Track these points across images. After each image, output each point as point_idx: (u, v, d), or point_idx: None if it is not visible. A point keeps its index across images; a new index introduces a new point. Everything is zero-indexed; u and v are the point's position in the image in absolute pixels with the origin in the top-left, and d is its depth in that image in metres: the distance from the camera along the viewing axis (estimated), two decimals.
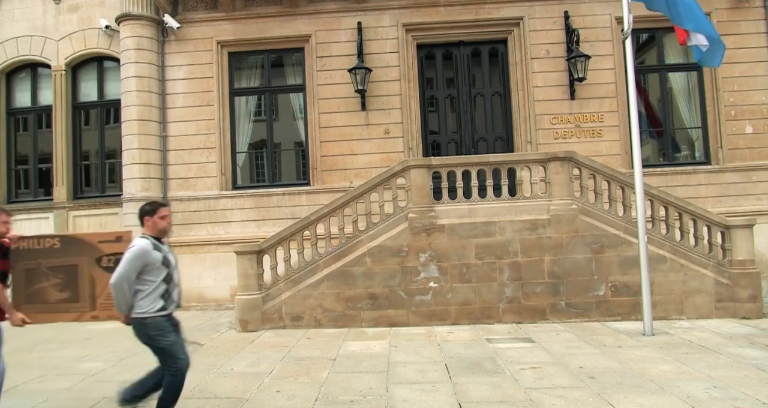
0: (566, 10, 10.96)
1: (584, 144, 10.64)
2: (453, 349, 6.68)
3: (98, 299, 4.41)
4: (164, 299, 4.00)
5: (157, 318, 3.96)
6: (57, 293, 4.42)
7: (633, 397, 4.67)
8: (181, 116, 11.30)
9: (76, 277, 4.42)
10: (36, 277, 4.41)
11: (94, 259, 4.42)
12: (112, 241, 4.45)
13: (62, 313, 4.50)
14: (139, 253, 3.90)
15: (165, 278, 4.02)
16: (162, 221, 4.09)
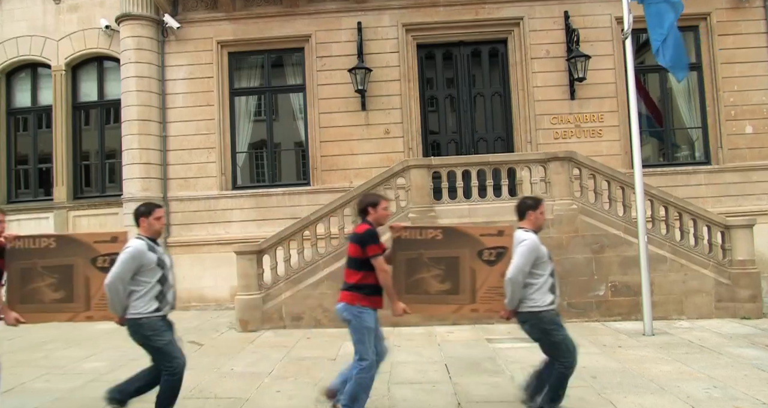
0: (566, 10, 10.95)
1: (584, 144, 10.64)
2: (453, 349, 6.69)
3: (93, 299, 4.31)
4: (159, 300, 3.99)
5: (152, 318, 3.94)
6: (52, 293, 4.34)
7: (633, 397, 4.67)
8: (181, 116, 11.30)
9: (71, 277, 4.33)
10: (31, 276, 4.33)
11: (89, 259, 4.32)
12: (108, 242, 4.37)
13: (56, 313, 4.44)
14: (135, 254, 3.89)
15: (160, 279, 4.00)
16: (157, 222, 4.10)
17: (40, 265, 4.33)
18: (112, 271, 3.87)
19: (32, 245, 4.37)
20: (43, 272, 4.34)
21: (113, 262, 3.97)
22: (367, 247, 4.06)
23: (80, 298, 4.33)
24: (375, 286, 4.13)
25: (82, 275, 4.32)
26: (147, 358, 4.14)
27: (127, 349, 7.18)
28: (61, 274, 4.34)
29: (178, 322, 9.62)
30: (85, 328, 9.02)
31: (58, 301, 4.34)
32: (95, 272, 4.29)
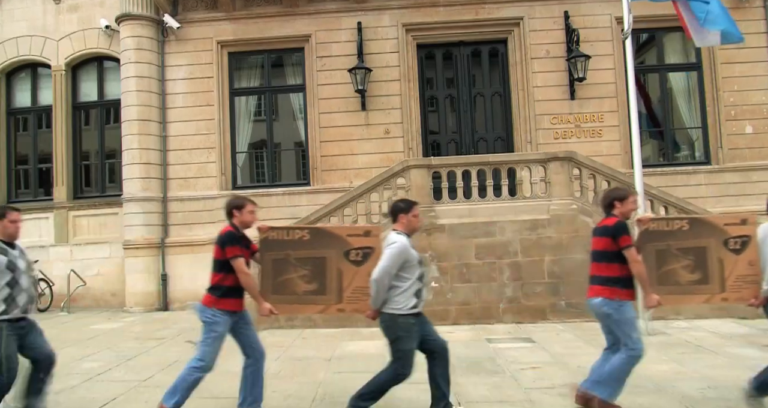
0: (566, 10, 10.95)
1: (584, 144, 10.63)
2: (453, 348, 6.58)
3: (345, 292, 4.31)
4: (417, 297, 4.02)
5: (408, 318, 3.97)
6: (304, 285, 4.34)
7: (631, 396, 4.66)
8: (181, 116, 11.30)
9: (324, 269, 4.32)
10: (284, 267, 4.34)
11: (342, 252, 4.32)
12: (361, 235, 4.39)
13: (308, 305, 4.47)
14: (402, 249, 3.93)
15: (419, 277, 4.04)
16: (415, 220, 4.16)
17: (293, 257, 4.34)
18: (380, 266, 3.91)
19: (286, 237, 4.40)
20: (295, 264, 4.34)
21: (366, 256, 4.15)
22: (227, 249, 4.12)
23: (332, 291, 4.33)
24: (234, 288, 4.19)
25: (335, 268, 4.32)
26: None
27: (123, 350, 7.22)
28: (314, 266, 4.34)
29: (176, 321, 9.68)
30: (84, 328, 9.04)
31: (310, 293, 4.34)
32: (348, 265, 4.31)
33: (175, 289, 10.94)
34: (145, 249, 10.87)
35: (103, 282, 11.48)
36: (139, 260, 10.84)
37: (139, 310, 10.67)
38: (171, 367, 6.19)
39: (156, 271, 10.93)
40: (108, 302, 11.40)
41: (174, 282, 10.94)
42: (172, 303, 10.92)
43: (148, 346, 7.41)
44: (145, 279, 10.83)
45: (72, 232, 11.85)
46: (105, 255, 11.59)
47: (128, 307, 10.79)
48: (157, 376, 5.81)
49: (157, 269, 10.93)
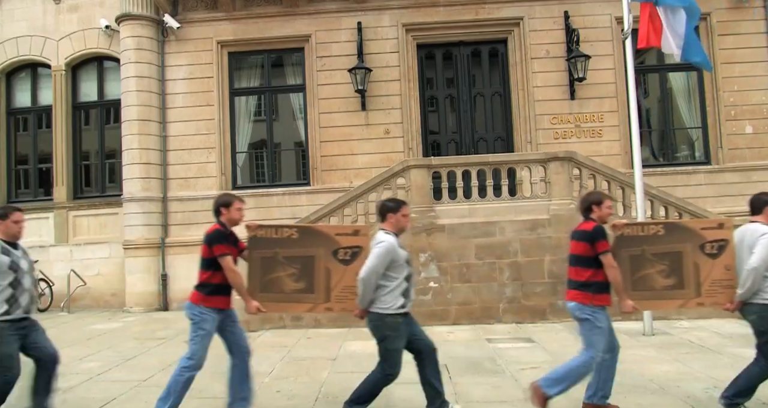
0: (566, 10, 10.95)
1: (584, 144, 10.63)
2: (453, 349, 6.68)
3: (333, 291, 4.29)
4: (405, 297, 4.02)
5: (396, 317, 3.97)
6: (292, 283, 4.31)
7: (633, 397, 4.66)
8: (181, 116, 11.29)
9: (312, 268, 4.30)
10: (272, 266, 4.33)
11: (331, 251, 4.30)
12: (350, 235, 4.38)
13: (296, 303, 4.47)
14: (389, 249, 3.92)
15: (407, 276, 4.04)
16: (404, 219, 4.14)
17: (282, 255, 4.32)
18: (367, 265, 3.91)
19: (274, 235, 4.38)
20: (284, 262, 4.32)
21: (354, 255, 4.11)
22: (214, 247, 4.13)
23: (320, 290, 4.31)
24: (222, 286, 4.17)
25: (323, 267, 4.30)
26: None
27: (123, 350, 7.22)
28: (302, 264, 4.31)
29: (176, 321, 9.66)
30: (84, 328, 9.03)
31: (298, 291, 4.33)
32: (336, 264, 4.29)
33: (175, 289, 10.92)
34: (145, 249, 10.86)
35: (103, 282, 11.47)
36: (139, 260, 10.83)
37: (139, 310, 10.66)
38: (171, 367, 6.15)
39: (156, 271, 10.92)
40: (108, 302, 11.39)
41: (174, 282, 10.93)
42: (172, 303, 10.90)
43: (148, 346, 7.40)
44: (145, 279, 10.82)
45: (72, 232, 11.84)
46: (105, 255, 11.58)
47: (128, 307, 10.78)
48: (157, 376, 5.80)
49: (157, 269, 10.93)
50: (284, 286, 4.33)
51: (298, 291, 4.33)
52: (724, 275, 4.21)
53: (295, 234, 4.41)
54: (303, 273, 4.32)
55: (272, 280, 4.34)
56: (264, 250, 4.35)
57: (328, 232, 4.47)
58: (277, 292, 4.34)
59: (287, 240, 4.37)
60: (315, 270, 4.31)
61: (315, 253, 4.32)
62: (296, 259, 4.33)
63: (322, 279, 4.31)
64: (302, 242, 4.37)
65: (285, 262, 4.33)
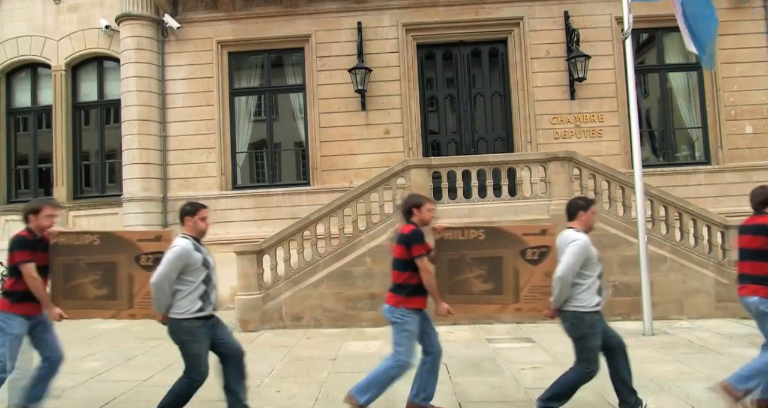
0: (566, 10, 10.95)
1: (584, 144, 10.63)
2: (453, 348, 6.67)
3: (136, 297, 4.31)
4: (203, 300, 3.96)
5: (193, 322, 3.92)
6: (95, 290, 4.33)
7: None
8: (181, 116, 11.29)
9: (114, 274, 4.32)
10: (74, 272, 4.33)
11: (133, 257, 4.31)
12: (152, 240, 4.37)
13: (99, 310, 4.44)
14: (181, 254, 3.87)
15: (204, 279, 3.97)
16: (202, 223, 4.06)
17: (84, 262, 4.33)
18: (158, 270, 3.86)
19: (76, 241, 4.38)
20: (86, 269, 4.33)
21: (157, 261, 3.97)
22: (413, 248, 4.11)
23: (123, 296, 4.33)
24: (418, 286, 4.18)
25: (126, 273, 4.32)
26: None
27: (124, 349, 7.22)
28: (105, 271, 4.33)
29: None
30: (83, 328, 9.02)
31: (101, 298, 4.34)
32: (138, 270, 4.29)
33: None
34: None
35: None
36: None
37: None
38: (171, 366, 6.18)
39: None
40: None
41: None
42: None
43: (149, 345, 7.40)
44: None
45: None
46: None
47: None
48: (158, 376, 5.80)
49: None
50: (473, 287, 4.37)
51: (486, 292, 4.36)
52: (544, 282, 4.20)
53: (482, 235, 4.40)
54: (491, 274, 4.34)
55: (460, 282, 4.36)
56: (451, 252, 4.37)
57: (516, 232, 4.43)
58: (465, 293, 4.38)
59: (474, 241, 4.38)
60: (503, 270, 4.34)
61: (503, 253, 4.34)
62: (484, 260, 4.35)
63: (511, 279, 4.32)
64: (489, 243, 4.37)
65: (473, 264, 4.35)
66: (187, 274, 3.90)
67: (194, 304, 3.91)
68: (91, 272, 4.32)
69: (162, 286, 3.85)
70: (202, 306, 3.94)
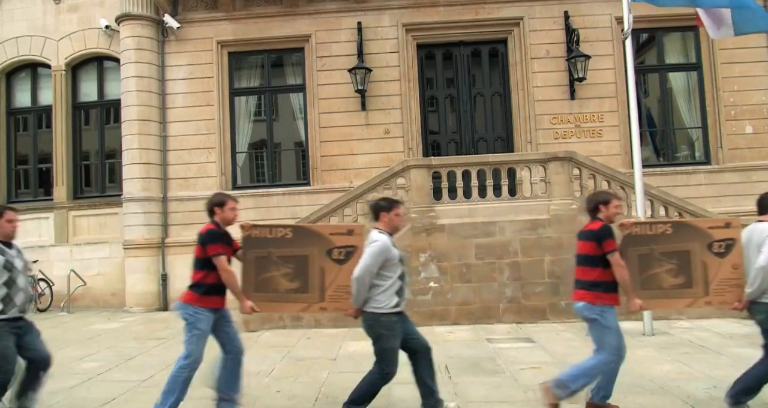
0: (566, 10, 10.95)
1: (584, 144, 10.63)
2: (453, 349, 6.68)
3: (327, 291, 4.30)
4: (399, 296, 4.03)
5: (390, 316, 3.98)
6: (287, 283, 4.33)
7: (633, 396, 4.66)
8: (181, 116, 11.29)
9: (306, 267, 4.32)
10: (266, 265, 4.35)
11: (325, 250, 4.32)
12: (344, 234, 4.39)
13: (290, 303, 4.49)
14: (383, 248, 3.94)
15: (400, 276, 4.05)
16: (397, 218, 4.17)
17: (276, 255, 4.35)
18: (361, 264, 3.93)
19: (268, 235, 4.43)
20: (278, 262, 4.34)
21: (349, 255, 4.13)
22: (208, 247, 4.16)
23: (314, 289, 4.32)
24: (216, 286, 4.17)
25: (317, 266, 4.31)
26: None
27: (123, 350, 7.22)
28: (297, 264, 4.33)
29: (176, 321, 9.60)
30: (84, 328, 9.03)
31: (293, 291, 4.34)
32: (330, 264, 4.30)
33: (174, 289, 10.90)
34: (145, 249, 10.86)
35: (103, 282, 11.47)
36: (139, 260, 10.83)
37: (139, 310, 10.66)
38: (171, 366, 6.17)
39: (156, 271, 10.92)
40: (108, 302, 11.39)
41: (174, 282, 10.92)
42: (172, 303, 10.88)
43: (148, 346, 7.40)
44: (145, 279, 10.82)
45: (72, 232, 11.83)
46: (105, 255, 11.58)
47: (128, 307, 10.78)
48: (157, 376, 5.79)
49: (157, 269, 10.93)
50: (278, 285, 4.35)
51: (292, 290, 4.35)
52: (732, 274, 4.23)
53: (289, 233, 4.43)
54: (297, 272, 4.34)
55: (266, 280, 4.36)
56: (258, 250, 4.38)
57: (323, 231, 4.50)
58: (271, 291, 4.36)
59: (281, 239, 4.39)
60: (309, 269, 4.33)
61: (309, 252, 4.34)
62: (290, 259, 4.35)
63: (317, 278, 4.32)
64: (296, 242, 4.39)
65: (279, 262, 4.35)
66: (386, 270, 3.98)
67: (392, 300, 3.99)
68: (283, 265, 4.34)
69: (364, 279, 3.92)
70: (398, 301, 4.02)
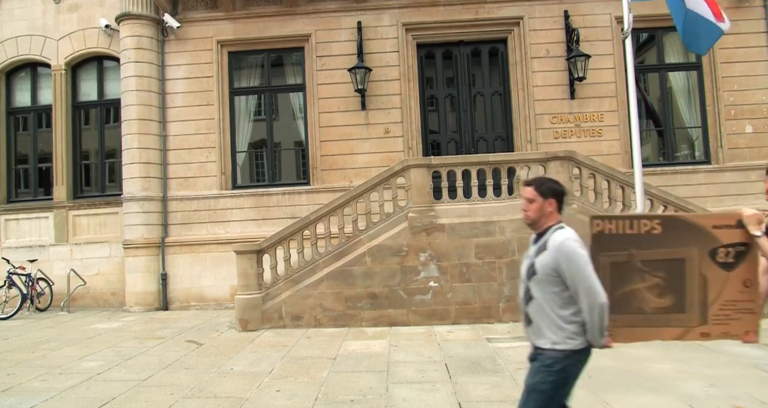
0: (566, 10, 10.95)
1: (584, 143, 10.64)
2: (453, 348, 6.68)
3: (710, 309, 2.98)
4: None
5: None
6: (655, 299, 3.01)
7: (632, 396, 4.67)
8: (180, 116, 11.30)
9: (683, 276, 3.01)
10: (626, 274, 3.03)
11: (707, 251, 3.00)
12: (732, 227, 3.00)
13: (661, 328, 3.04)
14: None
15: None
16: None
17: (639, 258, 3.03)
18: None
19: (628, 229, 3.06)
20: (643, 268, 3.02)
21: (739, 257, 2.96)
22: None
23: (694, 307, 3.00)
24: None
25: (697, 274, 3.02)
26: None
27: (123, 349, 7.22)
28: (669, 271, 3.02)
29: (176, 321, 9.68)
30: (84, 327, 9.03)
31: (663, 310, 3.01)
32: (715, 270, 2.99)
33: (174, 289, 10.94)
34: (145, 248, 10.86)
35: (103, 281, 11.48)
36: (139, 260, 10.84)
37: (139, 309, 10.67)
38: (171, 366, 6.19)
39: (156, 270, 10.92)
40: (108, 302, 11.40)
41: (174, 282, 10.94)
42: (171, 303, 10.92)
43: (148, 345, 7.41)
44: (145, 278, 10.82)
45: (72, 232, 11.84)
46: (105, 254, 11.59)
47: (128, 307, 10.78)
48: (157, 375, 5.81)
49: (156, 269, 10.93)
50: (644, 303, 3.03)
51: (662, 310, 3.02)
52: (742, 295, 2.99)
53: (657, 227, 3.06)
54: (670, 284, 3.02)
55: (627, 295, 3.03)
56: (614, 253, 3.05)
57: (703, 224, 3.06)
58: (633, 312, 3.02)
59: (647, 236, 3.05)
60: (687, 279, 3.02)
61: (686, 254, 3.03)
62: (660, 264, 3.03)
63: (696, 291, 3.02)
64: (668, 239, 3.04)
65: (644, 269, 3.03)
66: None
67: None
68: (650, 273, 3.03)
69: None
70: None
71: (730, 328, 3.02)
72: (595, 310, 2.63)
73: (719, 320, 3.01)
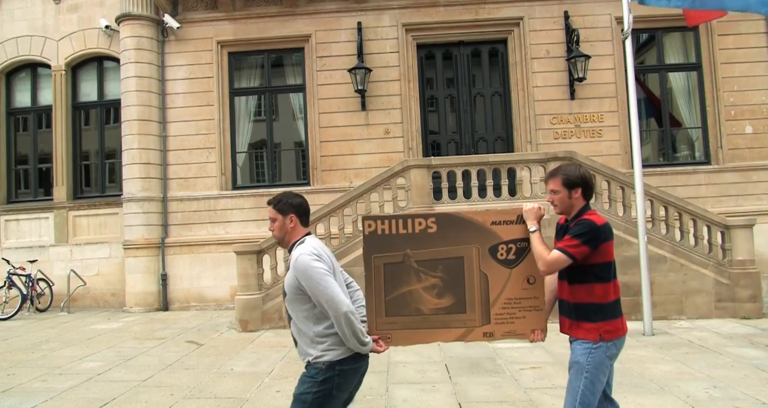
0: (566, 10, 10.95)
1: (584, 144, 10.63)
2: (453, 348, 6.67)
3: (493, 308, 2.91)
4: None
5: None
6: (434, 299, 2.92)
7: (633, 396, 4.66)
8: (181, 116, 11.30)
9: (461, 275, 2.92)
10: (403, 275, 2.92)
11: (487, 248, 2.93)
12: (512, 223, 2.94)
13: (441, 329, 2.94)
14: None
15: None
16: None
17: (415, 259, 2.94)
18: None
19: (401, 229, 2.95)
20: (419, 269, 2.94)
21: (521, 253, 2.91)
22: None
23: (474, 307, 2.93)
24: None
25: (477, 272, 2.93)
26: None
27: (123, 349, 7.22)
28: (447, 270, 2.94)
29: (176, 321, 9.67)
30: (84, 328, 9.03)
31: (443, 311, 2.93)
32: (496, 267, 2.93)
33: (175, 289, 10.94)
34: (145, 249, 10.86)
35: (103, 282, 11.48)
36: (139, 260, 10.84)
37: (139, 310, 10.66)
38: (171, 366, 6.19)
39: (156, 271, 10.92)
40: (108, 302, 11.40)
41: (174, 282, 10.94)
42: (172, 303, 10.92)
43: (148, 346, 7.40)
44: (145, 279, 10.82)
45: (72, 232, 11.84)
46: (105, 255, 11.59)
47: (128, 307, 10.78)
48: (157, 376, 5.80)
49: (157, 269, 10.93)
50: (421, 304, 2.93)
51: (442, 310, 2.94)
52: (526, 292, 2.93)
53: (432, 226, 2.97)
54: (448, 283, 2.95)
55: (403, 297, 2.94)
56: (388, 253, 2.96)
57: (481, 220, 2.97)
58: (411, 314, 2.93)
59: (422, 235, 2.96)
60: (466, 278, 2.95)
61: (465, 252, 2.95)
62: (437, 263, 2.95)
63: (477, 290, 2.95)
64: (445, 237, 2.96)
65: (421, 269, 2.96)
66: None
67: None
68: (426, 273, 2.94)
69: None
70: None
71: (515, 327, 2.96)
72: (341, 319, 2.56)
73: (502, 319, 2.94)
